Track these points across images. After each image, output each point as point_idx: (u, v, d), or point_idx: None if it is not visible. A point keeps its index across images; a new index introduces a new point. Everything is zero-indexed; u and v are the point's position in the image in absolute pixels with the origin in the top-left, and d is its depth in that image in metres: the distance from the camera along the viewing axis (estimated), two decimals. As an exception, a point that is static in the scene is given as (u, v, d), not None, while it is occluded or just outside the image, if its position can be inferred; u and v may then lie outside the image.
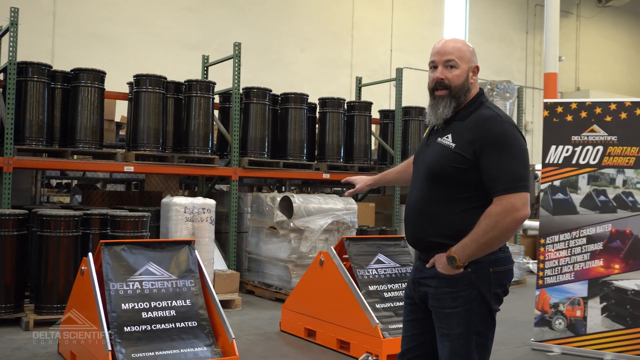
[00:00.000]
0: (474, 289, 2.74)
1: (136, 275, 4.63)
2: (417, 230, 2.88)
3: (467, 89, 2.85)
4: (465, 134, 2.75)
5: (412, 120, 10.46)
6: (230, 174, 8.39)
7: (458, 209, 2.76)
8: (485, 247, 2.68)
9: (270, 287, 8.03)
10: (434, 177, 2.81)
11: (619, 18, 26.14)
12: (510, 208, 2.63)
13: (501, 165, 2.66)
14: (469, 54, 2.87)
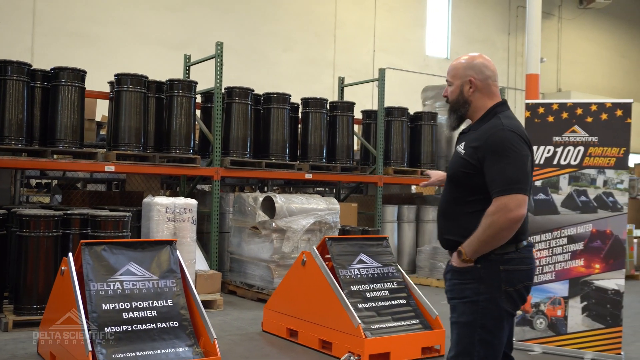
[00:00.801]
0: (482, 284, 2.95)
1: (117, 275, 4.60)
2: (440, 229, 3.21)
3: (464, 102, 3.14)
4: (472, 142, 3.02)
5: (394, 121, 10.48)
6: (212, 174, 8.35)
7: (469, 210, 3.03)
8: (484, 244, 2.91)
9: (253, 288, 8.00)
10: (450, 182, 3.14)
11: (600, 20, 26.35)
12: (504, 208, 2.84)
13: (498, 169, 2.89)
14: (461, 70, 3.13)
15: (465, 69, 3.12)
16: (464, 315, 2.98)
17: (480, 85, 3.10)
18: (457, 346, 2.99)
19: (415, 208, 10.82)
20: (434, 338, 5.63)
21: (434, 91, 11.98)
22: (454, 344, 3.02)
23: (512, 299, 2.97)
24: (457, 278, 3.02)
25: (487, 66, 3.12)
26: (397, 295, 5.77)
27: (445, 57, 21.62)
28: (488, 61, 3.15)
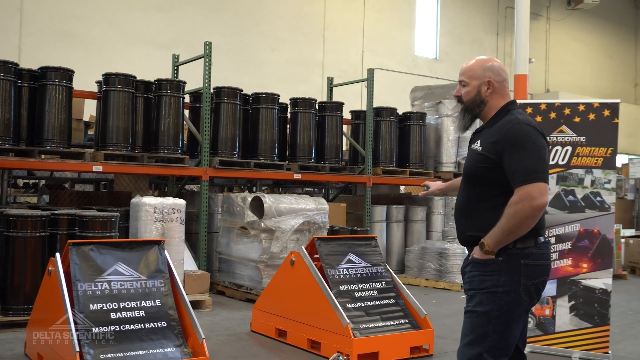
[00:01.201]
0: (502, 276, 3.02)
1: (105, 275, 4.58)
2: (459, 227, 3.28)
3: (480, 102, 3.24)
4: (489, 138, 3.11)
5: (383, 121, 10.49)
6: (200, 174, 8.33)
7: (489, 205, 3.11)
8: (509, 233, 2.97)
9: (241, 288, 7.99)
10: (468, 179, 3.21)
11: (588, 21, 26.48)
12: (528, 197, 2.92)
13: (518, 160, 2.98)
14: (480, 71, 3.24)
15: (484, 70, 3.23)
16: (481, 304, 3.04)
17: (498, 87, 3.23)
18: (470, 334, 3.05)
19: (404, 208, 10.84)
20: (422, 338, 5.63)
21: (422, 91, 12.01)
22: (466, 332, 3.08)
23: (530, 293, 3.06)
24: (478, 270, 3.09)
25: (503, 69, 3.28)
26: (386, 295, 5.77)
27: (434, 58, 21.67)
28: (502, 64, 3.31)
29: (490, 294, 3.03)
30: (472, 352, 3.03)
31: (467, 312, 3.12)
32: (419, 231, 10.85)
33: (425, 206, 11.06)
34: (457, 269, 9.48)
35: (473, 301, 3.09)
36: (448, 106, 11.14)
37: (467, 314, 3.11)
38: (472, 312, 3.08)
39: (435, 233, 10.97)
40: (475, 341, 3.03)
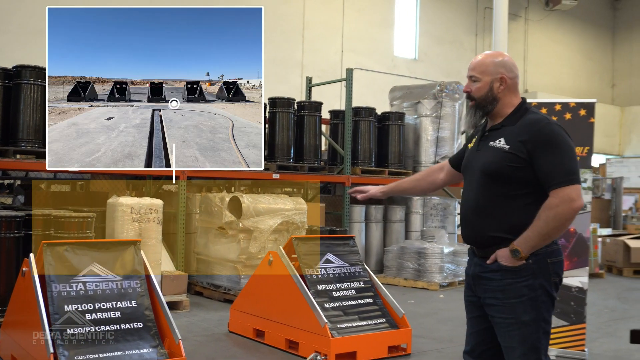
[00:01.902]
0: (536, 279, 2.98)
1: (80, 276, 4.53)
2: (476, 227, 3.12)
3: (492, 99, 3.13)
4: (517, 136, 3.01)
5: (362, 121, 10.50)
6: (179, 175, 8.27)
7: (515, 205, 3.01)
8: (546, 237, 2.93)
9: (219, 288, 7.95)
10: (490, 177, 3.05)
11: (566, 22, 26.67)
12: (567, 199, 2.88)
13: (554, 161, 2.92)
14: (492, 67, 3.13)
15: (497, 66, 3.14)
16: (526, 313, 2.97)
17: (510, 84, 3.15)
18: (523, 345, 2.97)
19: (382, 208, 10.86)
20: (400, 337, 5.64)
21: (401, 91, 12.04)
22: (517, 343, 2.98)
23: (558, 288, 3.08)
24: (511, 277, 2.99)
25: (515, 65, 3.19)
26: (364, 295, 5.77)
27: (413, 58, 21.72)
28: (513, 60, 3.21)
29: (530, 300, 2.98)
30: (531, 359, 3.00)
31: (511, 325, 2.99)
32: (398, 231, 10.87)
33: (404, 206, 11.09)
34: (435, 269, 9.51)
35: (515, 312, 2.98)
36: (427, 106, 11.17)
37: (512, 326, 2.99)
38: (517, 323, 2.98)
39: (414, 233, 11.00)
40: (531, 350, 2.99)
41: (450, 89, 11.16)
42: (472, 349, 3.24)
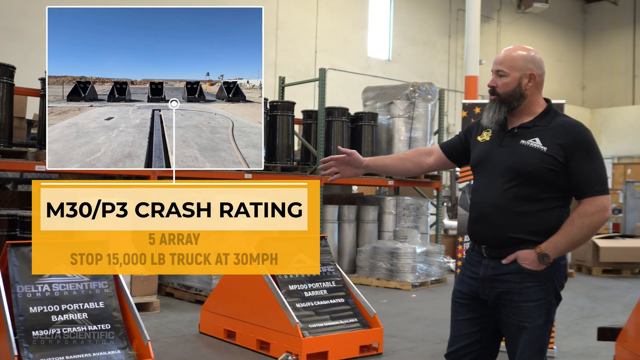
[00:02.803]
0: (551, 282, 2.97)
1: (45, 277, 4.45)
2: (497, 227, 2.98)
3: (519, 95, 3.01)
4: (555, 139, 2.92)
5: (335, 121, 10.48)
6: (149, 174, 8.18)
7: (544, 207, 2.94)
8: (577, 244, 2.93)
9: (190, 289, 7.88)
10: (522, 177, 2.94)
11: (537, 24, 26.94)
12: (602, 208, 2.87)
13: (592, 169, 2.90)
14: (522, 62, 3.01)
15: (527, 62, 3.02)
16: (540, 317, 2.95)
17: (539, 81, 3.05)
18: (532, 347, 2.94)
19: (355, 208, 10.84)
20: (372, 336, 5.63)
21: (374, 92, 12.04)
22: (527, 346, 2.94)
23: (563, 288, 3.06)
24: (530, 280, 2.93)
25: (543, 62, 3.08)
26: (336, 295, 5.75)
27: (387, 59, 21.78)
28: (541, 56, 3.11)
29: (546, 304, 2.96)
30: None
31: (524, 328, 2.94)
32: (371, 231, 10.87)
33: (377, 206, 11.09)
34: (408, 269, 9.52)
35: (530, 315, 2.94)
36: (400, 107, 11.18)
37: (525, 330, 2.94)
38: (532, 327, 2.94)
39: (387, 233, 11.00)
40: (538, 352, 2.96)
41: (423, 90, 11.19)
42: (456, 350, 3.15)
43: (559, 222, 2.93)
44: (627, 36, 28.01)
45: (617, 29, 28.28)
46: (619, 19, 28.28)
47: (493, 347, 3.18)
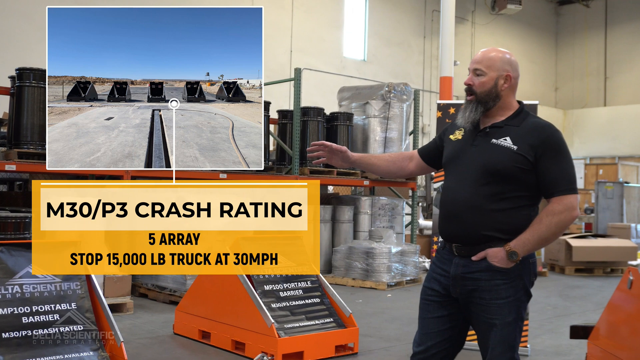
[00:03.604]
0: (520, 279, 3.01)
1: (16, 278, 4.37)
2: (468, 224, 3.02)
3: (495, 95, 3.06)
4: (526, 138, 2.98)
5: (310, 121, 10.47)
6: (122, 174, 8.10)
7: (514, 205, 2.99)
8: (545, 242, 2.99)
9: (165, 290, 7.81)
10: (492, 175, 2.99)
11: (511, 26, 27.17)
12: (570, 207, 2.93)
13: (561, 169, 2.96)
14: (499, 63, 3.06)
15: (504, 63, 3.07)
16: (510, 314, 2.99)
17: (513, 83, 3.10)
18: (503, 344, 2.98)
19: (331, 208, 10.83)
20: (347, 336, 5.62)
21: (350, 92, 12.04)
22: (497, 343, 2.99)
23: (533, 285, 3.11)
24: (500, 278, 2.98)
25: (518, 65, 3.14)
26: (311, 295, 5.73)
27: (362, 59, 21.82)
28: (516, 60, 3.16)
29: (515, 301, 3.00)
30: (506, 358, 3.00)
31: (495, 325, 2.99)
32: (346, 231, 10.86)
33: (353, 206, 11.09)
34: (383, 269, 9.52)
35: (500, 312, 2.98)
36: (375, 107, 11.20)
37: (496, 327, 2.99)
38: (500, 324, 2.98)
39: (362, 233, 11.01)
40: (508, 349, 3.00)
41: (398, 90, 11.21)
42: (426, 349, 3.17)
43: (528, 221, 2.99)
44: (598, 38, 28.36)
45: (589, 31, 28.62)
46: (591, 21, 28.62)
47: (460, 344, 3.23)
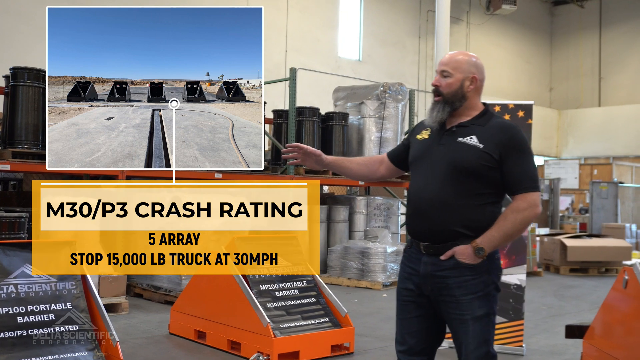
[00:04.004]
0: (488, 274, 3.09)
1: (11, 278, 4.37)
2: (436, 221, 3.09)
3: (461, 96, 3.14)
4: (491, 137, 3.07)
5: (305, 121, 10.47)
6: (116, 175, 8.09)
7: (479, 202, 3.07)
8: (509, 238, 3.08)
9: (160, 290, 7.81)
10: (460, 172, 3.06)
11: (506, 26, 27.19)
12: (534, 204, 3.03)
13: (525, 166, 3.06)
14: (465, 65, 3.16)
15: (470, 66, 3.17)
16: (481, 308, 3.06)
17: (479, 85, 3.19)
18: (477, 339, 3.06)
19: (326, 208, 10.84)
20: (343, 336, 5.62)
21: (345, 92, 12.05)
22: (471, 338, 3.06)
23: (500, 280, 3.20)
24: (469, 274, 3.06)
25: (484, 68, 3.24)
26: (307, 294, 5.74)
27: (357, 59, 21.82)
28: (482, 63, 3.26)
29: (485, 296, 3.08)
30: (482, 352, 3.07)
31: (466, 321, 3.06)
32: (342, 231, 10.87)
33: (348, 206, 11.10)
34: (379, 268, 9.54)
35: (471, 307, 3.06)
36: (370, 107, 11.20)
37: (468, 322, 3.06)
38: (473, 318, 3.05)
39: (358, 233, 11.02)
40: (483, 343, 3.07)
41: (394, 90, 11.22)
42: (410, 348, 3.24)
43: (493, 217, 3.08)
44: (593, 38, 28.39)
45: (584, 31, 28.65)
46: (586, 21, 28.64)
47: (441, 338, 3.33)
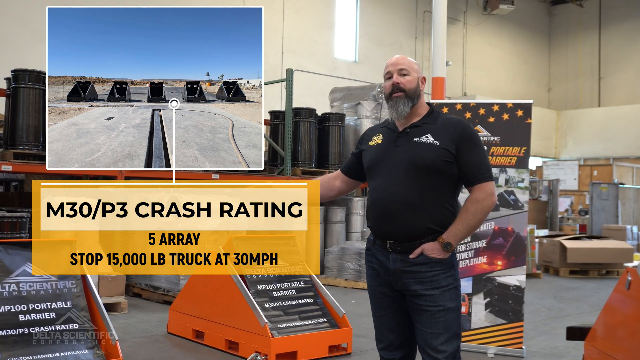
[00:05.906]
0: (454, 269, 3.20)
1: (12, 276, 4.40)
2: (405, 222, 3.15)
3: (418, 94, 3.31)
4: (445, 133, 3.18)
5: (302, 122, 10.49)
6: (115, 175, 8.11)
7: (441, 198, 3.17)
8: (473, 229, 3.19)
9: (158, 290, 7.83)
10: (422, 171, 3.15)
11: (503, 26, 27.22)
12: (490, 193, 3.16)
13: (478, 158, 3.18)
14: (416, 67, 3.36)
15: (418, 70, 3.35)
16: (451, 301, 3.14)
17: (423, 88, 3.36)
18: (448, 331, 3.12)
19: (323, 209, 10.86)
20: (340, 336, 5.64)
21: (341, 93, 12.08)
22: (443, 330, 3.11)
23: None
24: (439, 268, 3.14)
25: None
26: (304, 295, 5.76)
27: (354, 60, 21.85)
28: None
29: (454, 289, 3.17)
30: (453, 347, 3.13)
31: (437, 313, 3.12)
32: (339, 232, 10.89)
33: (345, 207, 11.12)
34: (376, 269, 9.54)
35: (442, 300, 3.12)
36: (367, 107, 11.23)
37: (439, 314, 3.12)
38: (443, 311, 3.11)
39: (355, 234, 11.04)
40: (453, 336, 3.14)
41: (391, 91, 11.23)
42: (390, 343, 3.31)
43: (453, 211, 3.20)
44: (592, 38, 28.40)
45: (583, 31, 28.66)
46: (585, 21, 28.66)
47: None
